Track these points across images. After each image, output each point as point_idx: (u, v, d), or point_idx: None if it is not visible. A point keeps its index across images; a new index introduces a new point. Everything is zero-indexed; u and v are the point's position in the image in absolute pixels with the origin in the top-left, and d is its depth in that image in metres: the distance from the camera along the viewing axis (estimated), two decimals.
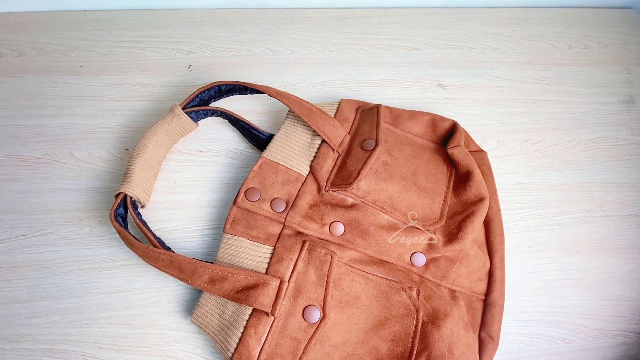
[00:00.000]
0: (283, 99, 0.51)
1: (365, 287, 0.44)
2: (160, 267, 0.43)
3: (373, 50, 0.66)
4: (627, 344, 0.48)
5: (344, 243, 0.46)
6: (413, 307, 0.43)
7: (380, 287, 0.45)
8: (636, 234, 0.54)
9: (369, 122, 0.53)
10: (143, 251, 0.43)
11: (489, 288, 0.47)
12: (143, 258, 0.44)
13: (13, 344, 0.44)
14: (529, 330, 0.48)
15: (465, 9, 0.72)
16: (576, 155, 0.59)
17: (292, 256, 0.44)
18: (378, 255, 0.46)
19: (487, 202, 0.49)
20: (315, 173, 0.49)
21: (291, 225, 0.46)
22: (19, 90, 0.58)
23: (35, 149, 0.54)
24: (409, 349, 0.41)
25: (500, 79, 0.65)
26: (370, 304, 0.44)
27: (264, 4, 0.70)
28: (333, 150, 0.50)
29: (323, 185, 0.48)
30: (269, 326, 0.40)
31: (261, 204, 0.46)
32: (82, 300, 0.46)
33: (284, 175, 0.48)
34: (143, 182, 0.48)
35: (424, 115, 0.55)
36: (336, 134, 0.51)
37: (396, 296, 0.44)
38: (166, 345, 0.45)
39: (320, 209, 0.47)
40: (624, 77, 0.67)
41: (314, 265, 0.43)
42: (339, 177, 0.49)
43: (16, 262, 0.47)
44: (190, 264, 0.41)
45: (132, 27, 0.66)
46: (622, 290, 0.50)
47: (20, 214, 0.50)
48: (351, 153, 0.50)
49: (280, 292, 0.41)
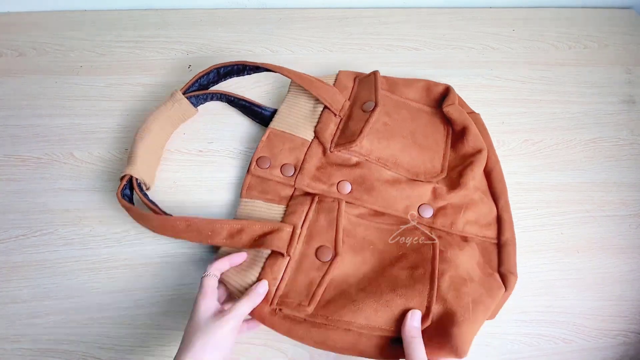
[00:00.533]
0: (283, 71, 0.54)
1: (378, 234, 0.47)
2: (178, 234, 0.44)
3: (373, 50, 0.66)
4: (627, 344, 0.48)
5: (352, 200, 0.49)
6: (429, 239, 0.46)
7: (393, 232, 0.47)
8: (636, 234, 0.54)
9: (367, 87, 0.56)
10: (159, 222, 0.44)
11: (500, 230, 0.49)
12: (159, 229, 0.45)
13: (13, 344, 0.44)
14: (529, 330, 0.48)
15: (465, 9, 0.72)
16: (576, 155, 0.59)
17: (303, 208, 0.47)
18: (385, 210, 0.49)
19: (484, 152, 0.52)
20: (320, 136, 0.52)
21: (301, 187, 0.49)
22: (19, 90, 0.58)
23: (35, 149, 0.54)
24: (430, 271, 0.43)
25: (500, 79, 0.65)
26: (384, 248, 0.46)
27: (264, 4, 0.70)
28: (335, 115, 0.54)
29: (328, 147, 0.52)
30: (285, 266, 0.43)
31: (272, 170, 0.50)
32: (82, 300, 0.46)
33: (291, 142, 0.52)
34: (147, 164, 0.50)
35: (419, 82, 0.59)
36: (336, 100, 0.55)
37: (410, 235, 0.47)
38: (166, 346, 0.45)
39: (327, 170, 0.50)
40: (624, 77, 0.67)
41: (324, 212, 0.47)
42: (342, 137, 0.52)
43: (16, 262, 0.47)
44: (208, 223, 0.43)
45: (132, 27, 0.66)
46: (622, 290, 0.50)
47: (20, 214, 0.50)
48: (352, 116, 0.54)
49: (294, 235, 0.44)
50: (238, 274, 0.43)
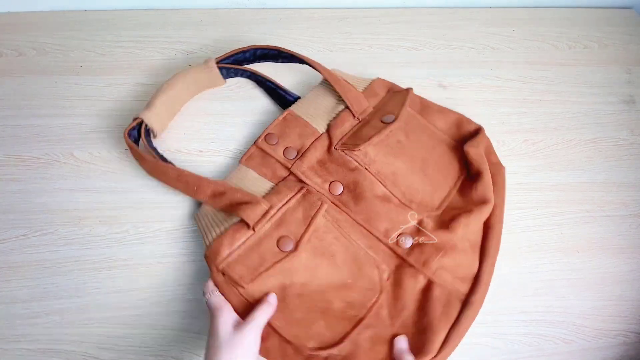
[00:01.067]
0: (316, 65, 0.55)
1: (344, 250, 0.46)
2: (168, 181, 0.48)
3: (373, 50, 0.66)
4: (627, 344, 0.48)
5: (339, 204, 0.48)
6: (378, 287, 0.45)
7: (357, 256, 0.46)
8: (636, 234, 0.54)
9: (395, 101, 0.55)
10: (153, 165, 0.48)
11: (473, 289, 0.45)
12: (152, 172, 0.49)
13: (13, 344, 0.44)
14: (529, 330, 0.48)
15: (465, 9, 0.72)
16: (576, 155, 0.59)
17: (288, 193, 0.47)
18: (366, 224, 0.48)
19: (489, 206, 0.48)
20: (331, 131, 0.52)
21: (296, 173, 0.50)
22: (19, 90, 0.58)
23: (35, 149, 0.54)
24: (359, 319, 0.43)
25: (500, 79, 0.65)
26: (342, 266, 0.46)
27: (264, 4, 0.70)
28: (354, 116, 0.54)
29: (335, 143, 0.51)
30: (246, 238, 0.44)
31: (276, 148, 0.51)
32: (82, 300, 0.46)
33: (302, 129, 0.52)
34: (162, 115, 0.53)
35: (452, 114, 0.56)
36: (359, 103, 0.55)
37: (368, 270, 0.46)
38: (166, 346, 0.45)
39: (326, 166, 0.50)
40: (624, 77, 0.67)
41: (304, 206, 0.47)
42: (351, 139, 0.52)
43: (16, 262, 0.47)
44: (197, 179, 0.47)
45: (132, 27, 0.65)
46: (622, 290, 0.50)
47: (20, 214, 0.50)
48: (369, 123, 0.53)
49: (267, 214, 0.45)
50: (208, 227, 0.46)
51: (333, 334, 0.42)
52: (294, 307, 0.43)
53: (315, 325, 0.42)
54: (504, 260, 0.51)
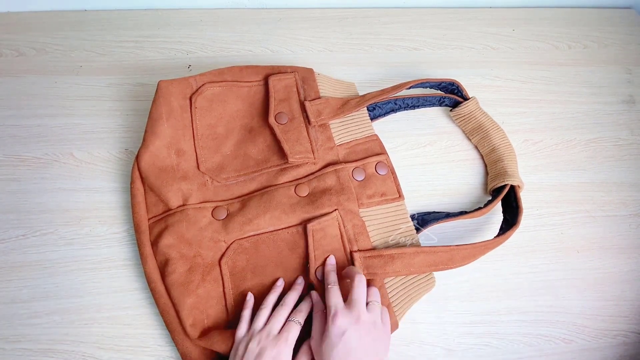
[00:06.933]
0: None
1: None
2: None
3: (373, 50, 0.66)
4: (627, 344, 0.48)
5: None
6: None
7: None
8: (636, 234, 0.54)
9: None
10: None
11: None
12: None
13: (13, 344, 0.44)
14: (529, 330, 0.48)
15: (465, 9, 0.72)
16: (576, 155, 0.59)
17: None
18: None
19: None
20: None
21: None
22: (19, 90, 0.58)
23: (35, 149, 0.54)
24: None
25: (500, 79, 0.65)
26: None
27: (264, 4, 0.70)
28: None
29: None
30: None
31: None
32: (82, 300, 0.46)
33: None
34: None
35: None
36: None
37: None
38: (166, 346, 0.45)
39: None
40: (624, 77, 0.67)
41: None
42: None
43: (16, 262, 0.47)
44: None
45: (132, 27, 0.65)
46: (622, 290, 0.50)
47: (20, 214, 0.50)
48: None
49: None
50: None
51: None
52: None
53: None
54: (504, 260, 0.51)
